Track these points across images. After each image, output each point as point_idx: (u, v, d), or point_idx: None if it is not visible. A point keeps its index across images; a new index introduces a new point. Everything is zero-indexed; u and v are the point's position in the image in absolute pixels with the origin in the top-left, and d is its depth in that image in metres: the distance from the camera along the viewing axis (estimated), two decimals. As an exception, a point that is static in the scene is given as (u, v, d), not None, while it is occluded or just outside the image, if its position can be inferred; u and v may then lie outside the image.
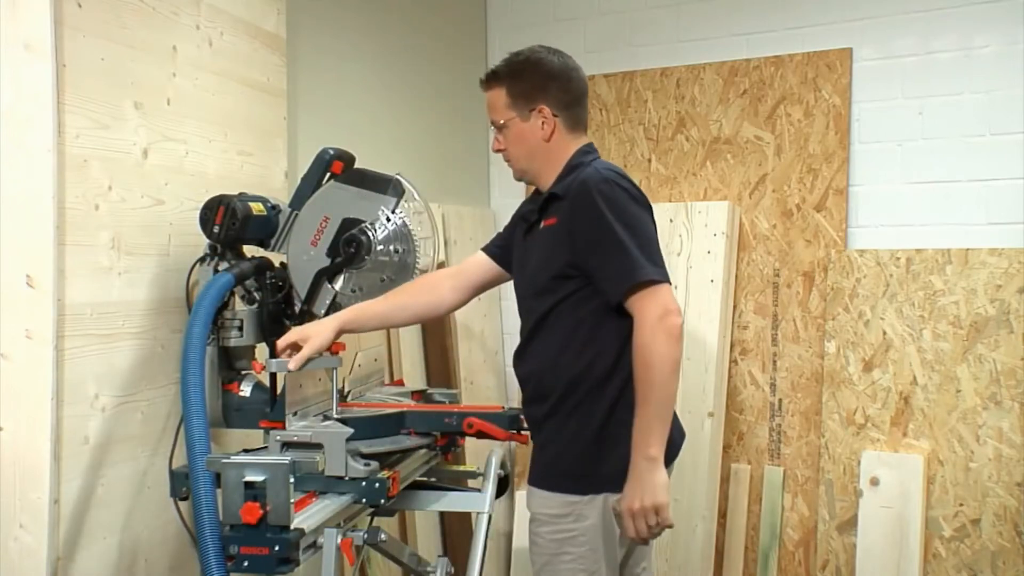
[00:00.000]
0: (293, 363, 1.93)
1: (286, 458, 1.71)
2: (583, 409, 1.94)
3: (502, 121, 2.07)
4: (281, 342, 1.98)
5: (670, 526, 1.85)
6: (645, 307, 1.82)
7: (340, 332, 2.04)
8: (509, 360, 3.84)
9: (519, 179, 2.14)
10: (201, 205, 2.11)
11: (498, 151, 2.12)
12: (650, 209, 2.00)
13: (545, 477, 1.98)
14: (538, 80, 2.03)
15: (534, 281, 2.03)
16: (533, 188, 2.16)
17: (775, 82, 3.35)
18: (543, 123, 2.02)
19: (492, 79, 2.08)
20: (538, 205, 2.05)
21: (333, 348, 2.07)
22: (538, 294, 2.01)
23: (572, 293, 1.93)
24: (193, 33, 2.22)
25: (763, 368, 3.34)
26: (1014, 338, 2.90)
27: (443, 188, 3.56)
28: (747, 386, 3.36)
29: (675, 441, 1.99)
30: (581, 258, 1.91)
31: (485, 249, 2.31)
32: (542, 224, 2.02)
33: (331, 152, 2.18)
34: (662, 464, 1.84)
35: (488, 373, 3.70)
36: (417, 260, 2.13)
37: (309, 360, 1.97)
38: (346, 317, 2.06)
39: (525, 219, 2.11)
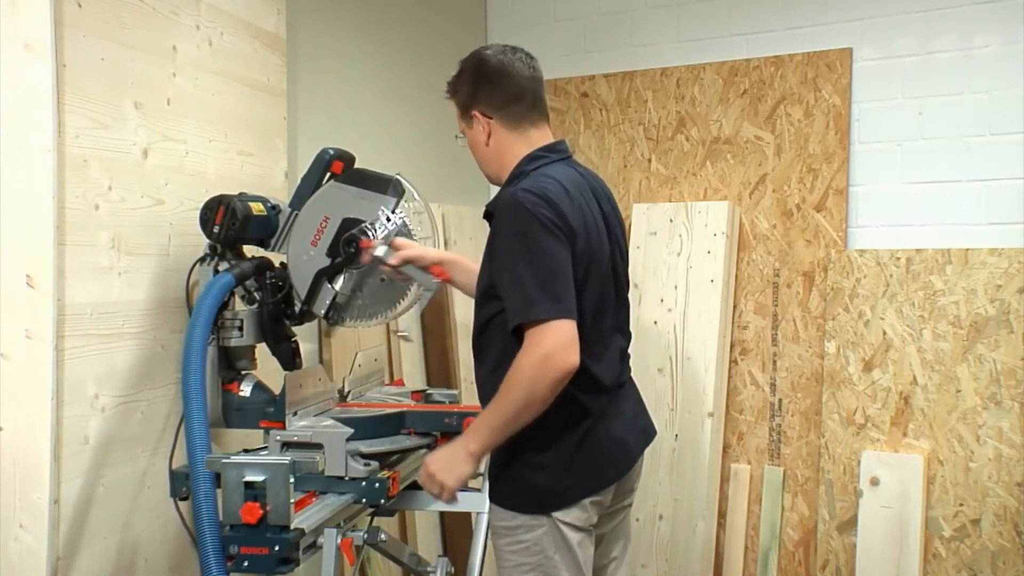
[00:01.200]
0: (396, 258, 2.07)
1: (286, 458, 1.71)
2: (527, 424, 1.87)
3: (457, 134, 2.09)
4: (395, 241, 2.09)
5: (450, 502, 1.94)
6: (531, 344, 1.78)
7: (442, 261, 2.18)
8: (509, 360, 3.85)
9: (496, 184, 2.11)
10: (201, 205, 2.10)
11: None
12: (572, 233, 1.86)
13: (495, 491, 1.97)
14: (469, 85, 2.01)
15: (477, 295, 1.99)
16: None
17: (775, 82, 3.35)
18: (480, 127, 1.99)
19: (447, 93, 2.08)
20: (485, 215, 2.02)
21: (434, 270, 2.14)
22: (477, 309, 1.98)
23: (499, 313, 1.88)
24: (193, 33, 2.22)
25: (763, 368, 3.34)
26: (1014, 338, 2.90)
27: (443, 188, 3.56)
28: (747, 386, 3.36)
29: (603, 475, 1.97)
30: (495, 279, 1.88)
31: None
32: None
33: (331, 152, 2.18)
34: (475, 462, 1.88)
35: (488, 373, 3.69)
36: (417, 260, 2.13)
37: (409, 263, 2.09)
38: (448, 255, 2.22)
39: None
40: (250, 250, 2.20)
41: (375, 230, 2.10)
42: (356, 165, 2.23)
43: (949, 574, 2.94)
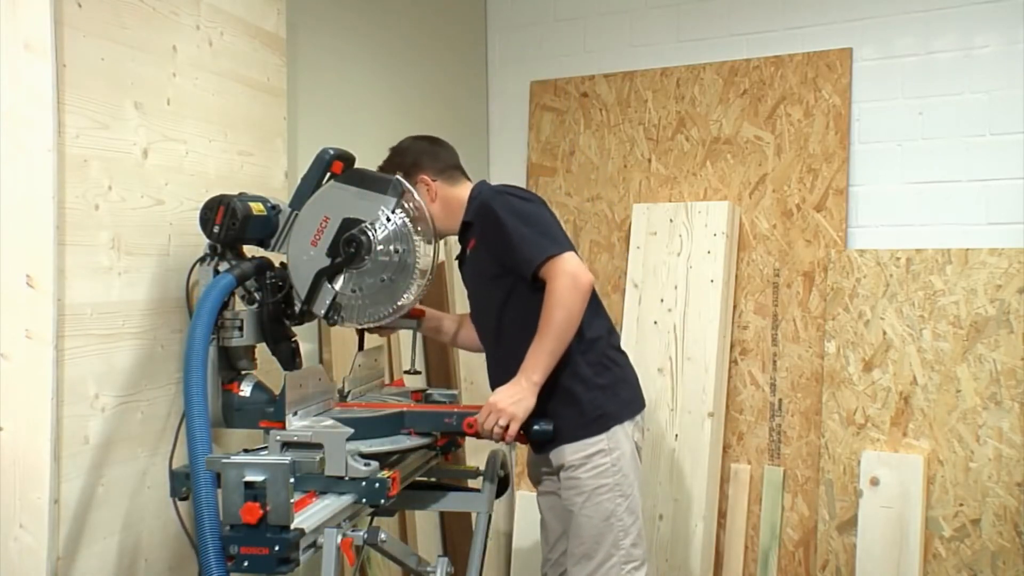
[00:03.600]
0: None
1: (286, 458, 1.71)
2: (566, 371, 2.20)
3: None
4: None
5: (507, 441, 2.14)
6: (555, 272, 2.12)
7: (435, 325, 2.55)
8: (509, 360, 3.86)
9: (443, 237, 2.40)
10: (201, 205, 2.10)
11: None
12: (543, 204, 2.29)
13: (566, 432, 2.22)
14: (411, 157, 2.36)
15: (482, 293, 2.33)
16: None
17: (775, 82, 3.35)
18: (426, 188, 2.31)
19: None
20: (459, 237, 2.37)
21: (412, 312, 2.37)
22: (490, 300, 2.29)
23: (514, 286, 2.21)
24: (193, 33, 2.22)
25: (763, 368, 3.34)
26: (1014, 338, 2.90)
27: (443, 188, 3.56)
28: (747, 386, 3.36)
29: (632, 401, 2.34)
30: (501, 257, 2.21)
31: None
32: (467, 250, 2.33)
33: (331, 152, 2.17)
34: (536, 392, 2.11)
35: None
36: (417, 260, 2.13)
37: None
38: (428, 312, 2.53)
39: (458, 259, 2.44)
40: (250, 250, 2.20)
41: (375, 230, 2.10)
42: (356, 165, 2.23)
43: (949, 574, 2.94)
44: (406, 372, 2.47)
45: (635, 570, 2.23)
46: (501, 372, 2.23)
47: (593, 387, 2.25)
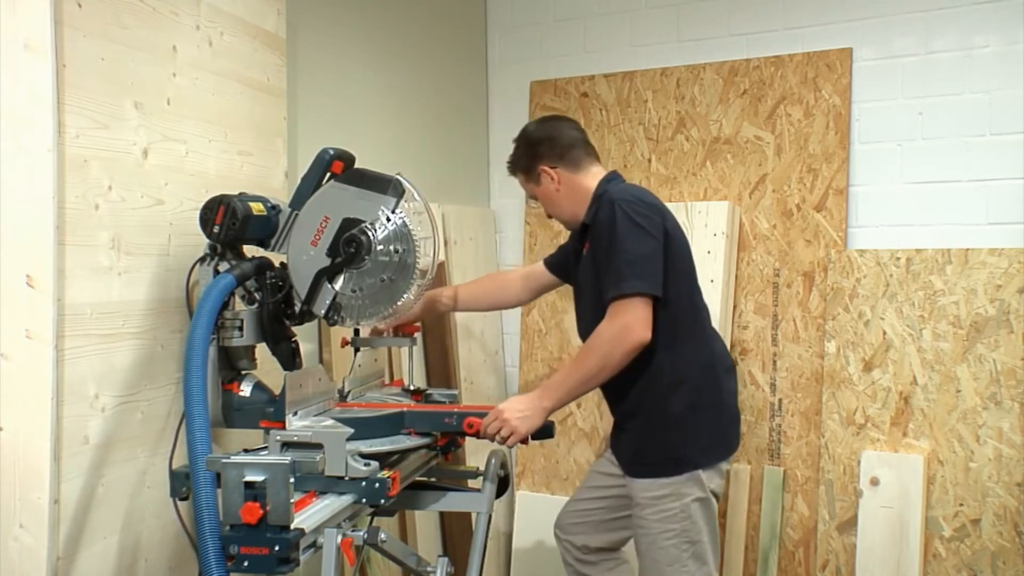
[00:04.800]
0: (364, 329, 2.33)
1: (286, 458, 1.71)
2: (657, 403, 2.23)
3: (529, 195, 2.51)
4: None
5: (509, 445, 2.17)
6: (612, 314, 2.12)
7: (429, 306, 2.58)
8: (509, 360, 3.86)
9: (571, 229, 2.49)
10: (201, 205, 2.10)
11: (549, 218, 2.54)
12: (664, 214, 2.25)
13: (640, 467, 2.27)
14: (527, 150, 2.43)
15: (586, 296, 2.32)
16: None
17: (775, 82, 3.35)
18: (550, 178, 2.38)
19: (509, 170, 2.51)
20: (578, 235, 2.42)
21: (406, 329, 2.44)
22: (592, 305, 2.26)
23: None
24: (193, 33, 2.22)
25: (763, 368, 3.34)
26: (1014, 338, 2.90)
27: (443, 188, 3.57)
28: (747, 386, 3.36)
29: (714, 448, 2.31)
30: (599, 271, 2.20)
31: (545, 261, 2.71)
32: (584, 251, 2.34)
33: (331, 152, 2.17)
34: (546, 417, 2.16)
35: (488, 373, 3.70)
36: (417, 260, 2.13)
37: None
38: (439, 293, 2.58)
39: (574, 251, 2.48)
40: (250, 250, 2.20)
41: (375, 230, 2.10)
42: (356, 165, 2.23)
43: (949, 574, 2.94)
44: (404, 391, 2.47)
45: None
46: None
47: (673, 427, 2.24)
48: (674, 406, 2.22)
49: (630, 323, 2.08)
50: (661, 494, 2.22)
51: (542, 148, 2.38)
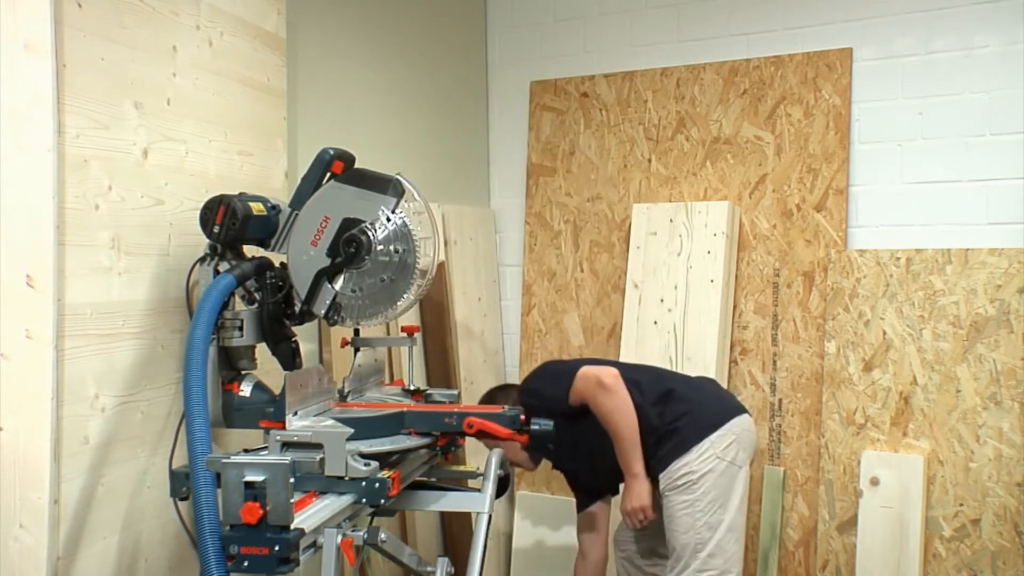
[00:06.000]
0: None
1: (286, 458, 1.71)
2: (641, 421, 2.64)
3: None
4: None
5: (653, 519, 2.60)
6: (583, 379, 2.61)
7: None
8: (509, 360, 3.86)
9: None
10: (201, 205, 2.10)
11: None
12: None
13: (661, 466, 2.60)
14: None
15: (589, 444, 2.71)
16: None
17: (775, 82, 3.35)
18: None
19: None
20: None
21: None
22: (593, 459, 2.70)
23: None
24: (193, 33, 2.22)
25: (763, 368, 3.34)
26: (1014, 338, 2.90)
27: (443, 188, 3.56)
28: (747, 386, 3.36)
29: (707, 417, 2.63)
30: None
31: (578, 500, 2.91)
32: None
33: (331, 152, 2.17)
34: (643, 477, 2.57)
35: (488, 373, 3.70)
36: (417, 260, 2.13)
37: None
38: None
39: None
40: (250, 250, 2.20)
41: (375, 230, 2.10)
42: (356, 165, 2.23)
43: (949, 574, 2.94)
44: (404, 391, 2.47)
45: None
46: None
47: (665, 430, 2.60)
48: (657, 419, 2.61)
49: (588, 375, 2.57)
50: (680, 474, 2.55)
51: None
